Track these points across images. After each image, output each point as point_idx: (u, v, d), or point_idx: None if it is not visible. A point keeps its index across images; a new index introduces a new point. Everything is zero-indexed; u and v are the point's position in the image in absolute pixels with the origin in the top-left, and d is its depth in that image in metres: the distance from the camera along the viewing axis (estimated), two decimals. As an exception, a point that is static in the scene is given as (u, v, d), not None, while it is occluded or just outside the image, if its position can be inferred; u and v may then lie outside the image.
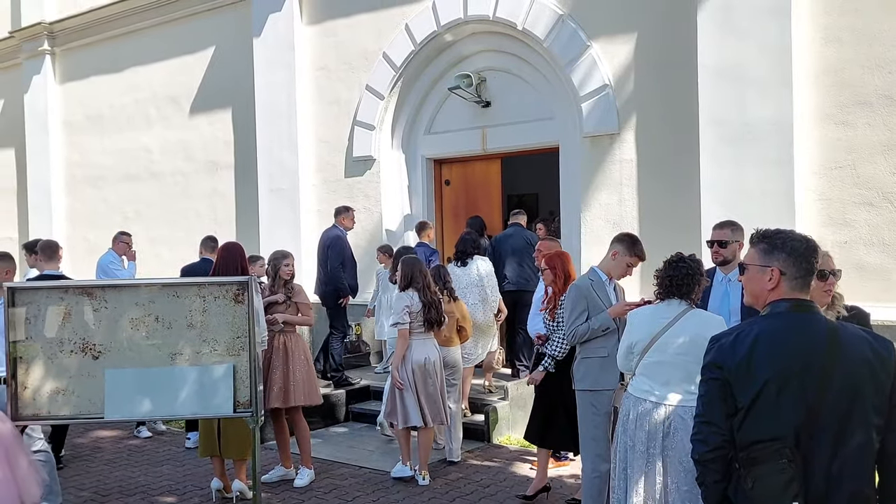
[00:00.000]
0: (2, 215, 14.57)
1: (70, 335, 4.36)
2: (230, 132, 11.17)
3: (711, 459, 2.60)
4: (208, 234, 8.73)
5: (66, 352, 4.36)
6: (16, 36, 13.61)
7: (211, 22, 11.22)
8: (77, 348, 4.36)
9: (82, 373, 4.36)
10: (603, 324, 4.69)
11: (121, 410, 4.33)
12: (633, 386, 4.10)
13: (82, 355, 4.37)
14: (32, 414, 4.34)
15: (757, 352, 2.54)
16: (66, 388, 4.35)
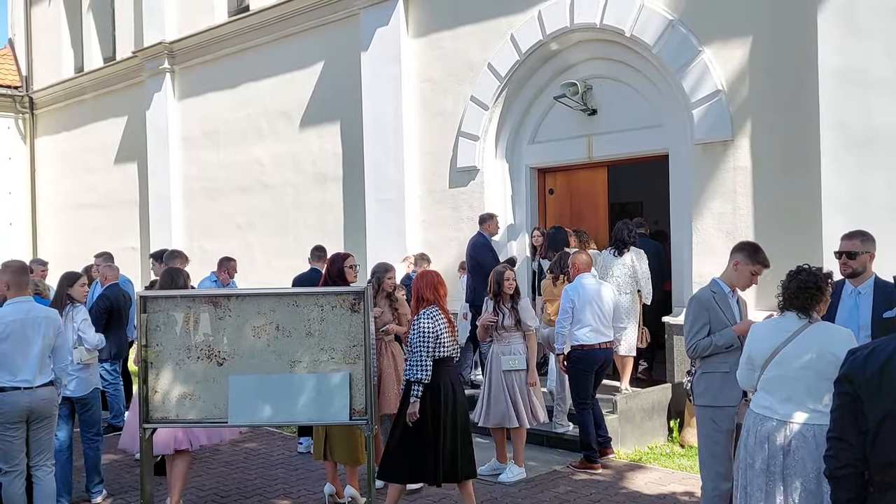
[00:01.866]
0: (126, 226, 15.40)
1: (197, 342, 4.57)
2: (338, 144, 11.46)
3: (842, 476, 2.52)
4: (316, 244, 8.98)
5: (193, 358, 4.56)
6: (139, 56, 14.40)
7: (320, 37, 11.56)
8: (203, 355, 4.56)
9: (208, 378, 4.55)
10: (727, 341, 4.55)
11: (243, 415, 4.50)
12: (754, 402, 3.98)
13: (208, 362, 4.56)
14: (162, 417, 4.56)
15: (890, 368, 2.41)
16: (192, 393, 4.56)
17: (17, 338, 4.83)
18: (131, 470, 6.96)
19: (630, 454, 7.02)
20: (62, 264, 13.20)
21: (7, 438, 4.89)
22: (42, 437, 5.04)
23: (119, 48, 15.52)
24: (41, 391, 4.93)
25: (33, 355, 4.87)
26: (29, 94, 17.73)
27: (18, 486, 4.94)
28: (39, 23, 17.72)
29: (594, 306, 6.66)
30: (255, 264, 12.40)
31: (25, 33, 17.97)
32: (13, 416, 4.84)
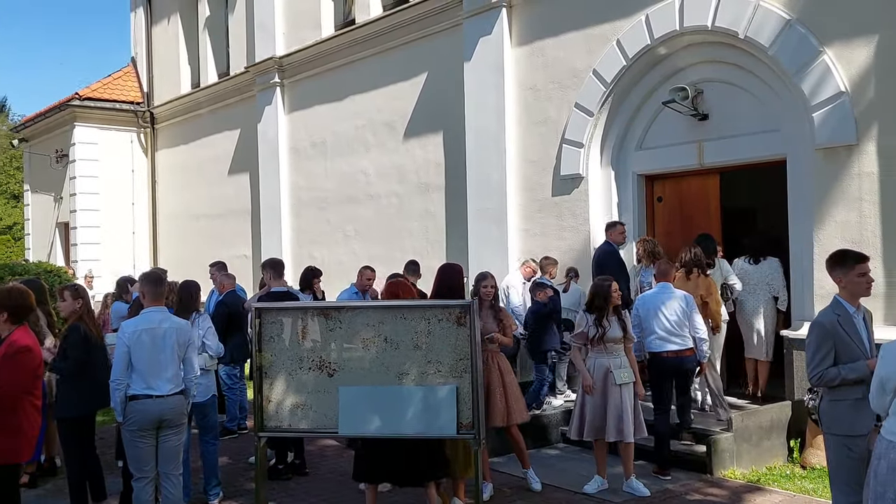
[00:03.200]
0: (239, 235, 16.00)
1: (308, 353, 4.66)
2: (441, 154, 11.54)
3: None
4: (411, 258, 9.11)
5: (305, 369, 4.66)
6: (250, 71, 14.96)
7: (424, 49, 11.68)
8: (314, 366, 4.66)
9: (319, 389, 4.64)
10: (859, 375, 4.26)
11: (353, 426, 4.56)
12: (886, 427, 3.72)
13: (319, 372, 4.65)
14: (275, 426, 4.68)
15: None
16: (304, 403, 4.65)
17: (150, 347, 5.05)
18: (245, 473, 7.18)
19: (747, 474, 6.72)
20: (179, 272, 13.85)
21: (139, 445, 5.12)
22: (171, 445, 5.24)
23: (233, 64, 16.17)
24: (171, 400, 5.14)
25: (165, 364, 5.08)
26: (150, 110, 18.71)
27: (149, 492, 5.16)
28: (159, 42, 18.69)
29: (660, 316, 6.74)
30: (360, 272, 12.63)
31: (146, 52, 18.98)
32: (144, 423, 5.06)
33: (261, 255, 14.66)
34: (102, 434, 8.72)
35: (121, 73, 19.57)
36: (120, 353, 5.10)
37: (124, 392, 5.07)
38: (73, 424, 5.80)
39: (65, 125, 18.80)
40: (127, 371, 5.06)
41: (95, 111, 18.34)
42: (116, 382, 5.09)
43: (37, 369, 5.03)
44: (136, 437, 5.12)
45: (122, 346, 5.09)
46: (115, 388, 5.10)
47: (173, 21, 18.12)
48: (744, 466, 6.82)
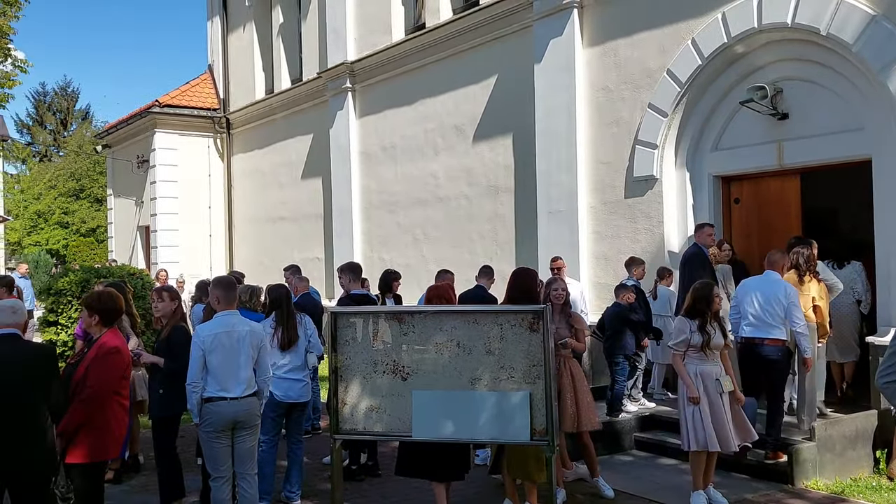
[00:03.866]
0: (312, 237, 16.30)
1: (382, 357, 4.71)
2: (510, 157, 11.51)
3: None
4: (485, 264, 9.10)
5: (379, 372, 4.71)
6: (323, 76, 15.22)
7: (494, 52, 11.68)
8: (388, 369, 4.70)
9: (393, 392, 4.69)
10: None
11: (427, 430, 4.58)
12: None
13: (392, 376, 4.69)
14: (350, 429, 4.75)
15: None
16: (379, 407, 4.70)
17: (224, 350, 5.20)
18: (319, 473, 7.30)
19: (830, 485, 6.49)
20: (254, 274, 14.19)
21: (215, 446, 5.27)
22: (245, 446, 5.38)
23: (305, 70, 16.49)
24: (245, 402, 5.26)
25: (239, 367, 5.22)
26: (226, 116, 19.23)
27: (226, 491, 5.30)
28: (235, 49, 19.19)
29: (754, 301, 6.73)
30: (430, 275, 12.64)
31: (223, 59, 19.51)
32: (220, 425, 5.20)
33: (333, 258, 14.94)
34: (183, 432, 9.01)
35: (198, 80, 20.17)
36: (196, 356, 5.23)
37: (200, 394, 5.21)
38: (169, 423, 5.98)
39: (145, 131, 19.48)
40: (202, 374, 5.20)
41: (174, 118, 18.95)
42: (192, 385, 5.23)
43: (125, 370, 5.22)
44: (211, 437, 5.26)
45: (197, 349, 5.23)
46: (191, 390, 5.24)
47: (248, 29, 18.57)
48: (827, 477, 6.59)
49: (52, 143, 50.68)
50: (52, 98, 51.01)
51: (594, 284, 10.15)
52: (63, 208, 42.01)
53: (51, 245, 40.66)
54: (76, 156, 44.22)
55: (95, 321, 5.12)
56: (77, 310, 8.22)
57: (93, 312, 5.13)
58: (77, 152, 44.32)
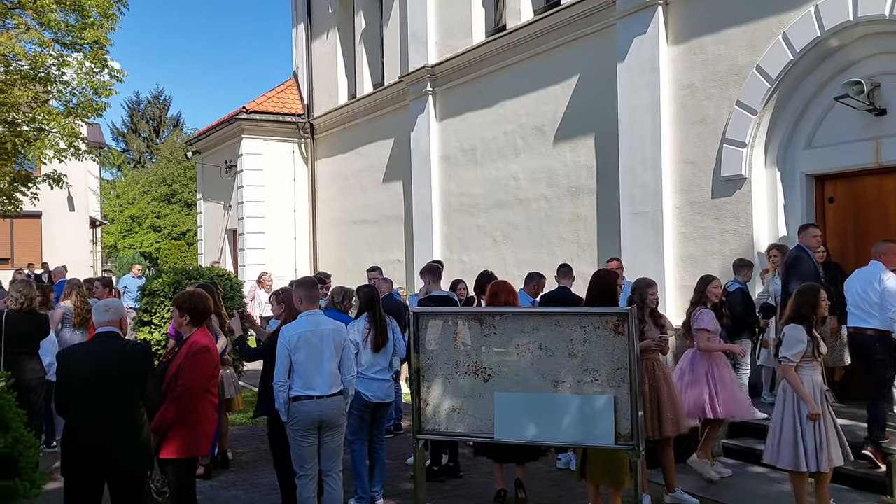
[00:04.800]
0: (393, 240, 16.49)
1: (464, 358, 4.72)
2: (592, 157, 11.37)
3: None
4: (563, 262, 8.97)
5: (461, 373, 4.71)
6: (404, 80, 15.38)
7: (575, 52, 11.56)
8: (470, 370, 4.70)
9: (475, 393, 4.68)
10: None
11: (509, 432, 4.56)
12: None
13: (474, 377, 4.69)
14: (433, 429, 4.76)
15: None
16: (461, 407, 4.71)
17: (308, 349, 5.30)
18: (401, 473, 7.36)
19: (933, 500, 6.16)
20: (337, 276, 14.43)
21: (302, 444, 5.38)
22: (331, 445, 5.47)
23: (387, 74, 16.70)
24: (330, 401, 5.36)
25: (324, 366, 5.31)
26: (310, 121, 19.64)
27: (311, 489, 5.40)
28: (318, 56, 19.59)
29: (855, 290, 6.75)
30: (509, 277, 12.55)
31: (307, 66, 19.95)
32: (307, 423, 5.30)
33: (413, 260, 15.07)
34: (254, 430, 9.25)
35: (283, 86, 20.67)
36: (282, 356, 5.35)
37: (287, 394, 5.33)
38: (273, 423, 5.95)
39: (233, 137, 20.09)
40: (288, 373, 5.31)
41: (261, 124, 19.48)
42: (279, 385, 5.34)
43: (215, 368, 5.39)
44: (299, 436, 5.36)
45: (283, 349, 5.35)
46: (278, 389, 5.36)
47: (331, 35, 18.93)
48: (931, 490, 6.25)
49: (146, 150, 52.92)
50: (145, 106, 53.27)
51: (679, 287, 9.91)
52: (155, 212, 43.78)
53: (144, 248, 42.45)
54: (168, 162, 46.03)
55: (186, 321, 5.30)
56: (169, 310, 8.52)
57: (183, 312, 5.31)
58: (168, 158, 46.13)
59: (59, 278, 14.36)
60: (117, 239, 44.14)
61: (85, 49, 13.86)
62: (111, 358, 4.66)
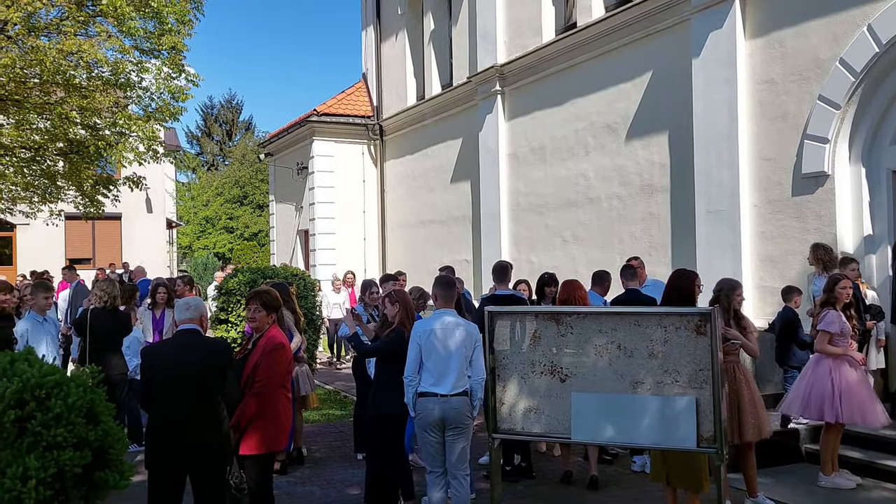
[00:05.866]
0: (460, 240, 16.50)
1: (540, 357, 4.67)
2: (666, 155, 11.15)
3: None
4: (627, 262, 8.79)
5: (537, 373, 4.67)
6: (472, 80, 15.37)
7: (648, 48, 11.36)
8: (546, 370, 4.65)
9: (551, 394, 4.63)
10: None
11: (586, 433, 4.50)
12: None
13: (550, 377, 4.64)
14: (509, 429, 4.73)
15: None
16: (537, 407, 4.66)
17: (440, 347, 5.30)
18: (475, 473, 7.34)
19: None
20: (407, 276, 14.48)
21: (427, 441, 5.41)
22: (455, 445, 5.39)
23: (455, 75, 16.73)
24: (454, 400, 5.32)
25: (452, 365, 5.30)
26: (379, 123, 19.83)
27: (440, 485, 5.40)
28: (387, 57, 19.76)
29: None
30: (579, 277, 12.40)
31: (376, 67, 20.14)
32: (429, 420, 5.28)
33: (481, 260, 15.05)
34: (340, 427, 9.37)
35: (353, 88, 20.92)
36: (413, 351, 5.42)
37: (415, 389, 5.38)
38: (389, 422, 5.90)
39: (304, 139, 20.42)
40: (418, 369, 5.37)
41: (331, 126, 19.75)
42: (409, 379, 5.42)
43: (289, 365, 5.48)
44: (424, 432, 5.40)
45: (414, 344, 5.41)
46: (407, 384, 5.44)
47: (400, 37, 19.07)
48: None
49: (219, 153, 54.34)
50: (218, 110, 54.70)
51: (758, 288, 9.64)
52: (228, 214, 44.88)
53: (217, 248, 43.57)
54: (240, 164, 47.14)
55: (262, 315, 5.39)
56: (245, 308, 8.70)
57: (258, 307, 5.41)
58: (241, 161, 47.23)
59: (139, 278, 14.83)
60: (192, 240, 45.43)
61: (163, 55, 14.25)
62: (192, 354, 4.78)
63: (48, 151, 14.26)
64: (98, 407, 4.09)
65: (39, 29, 12.20)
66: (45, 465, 3.71)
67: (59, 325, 8.13)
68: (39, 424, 3.76)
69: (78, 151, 14.14)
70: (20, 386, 3.79)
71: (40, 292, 7.52)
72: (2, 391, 3.73)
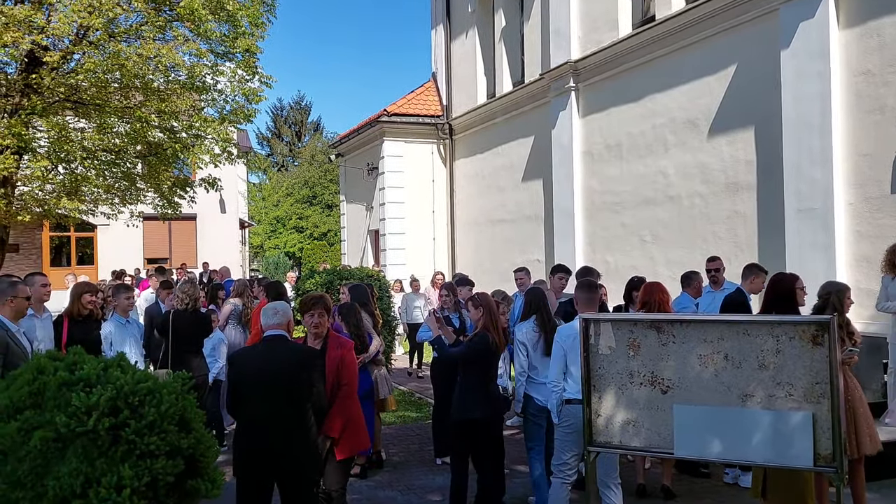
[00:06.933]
0: (531, 240, 16.24)
1: (639, 367, 4.42)
2: (752, 151, 10.69)
3: None
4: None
5: (636, 384, 4.42)
6: (545, 77, 15.10)
7: (732, 40, 10.92)
8: (646, 381, 4.40)
9: (651, 406, 4.38)
10: None
11: (690, 448, 4.24)
12: None
13: (651, 388, 4.39)
14: (605, 441, 4.51)
15: None
16: (636, 420, 4.42)
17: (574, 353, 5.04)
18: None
19: None
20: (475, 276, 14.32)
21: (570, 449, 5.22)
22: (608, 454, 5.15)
23: (527, 72, 16.47)
24: None
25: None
26: (448, 122, 19.71)
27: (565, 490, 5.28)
28: (457, 56, 19.62)
29: None
30: (659, 277, 12.08)
31: (445, 66, 20.03)
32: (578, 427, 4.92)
33: (553, 260, 14.75)
34: (417, 430, 9.26)
35: (422, 88, 20.86)
36: (557, 354, 5.27)
37: (560, 394, 5.21)
38: (474, 427, 5.75)
39: (374, 140, 20.45)
40: (563, 374, 5.20)
41: (401, 126, 19.73)
42: (554, 385, 5.26)
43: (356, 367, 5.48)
44: (569, 439, 5.22)
45: (558, 348, 5.26)
46: (551, 389, 5.28)
47: (471, 35, 18.90)
48: None
49: (288, 154, 55.18)
50: (287, 112, 55.54)
51: (854, 290, 9.10)
52: (298, 214, 45.52)
53: (288, 248, 44.24)
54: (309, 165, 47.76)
55: (325, 320, 5.34)
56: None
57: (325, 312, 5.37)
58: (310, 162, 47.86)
59: (222, 278, 15.03)
60: (263, 239, 46.26)
61: (237, 58, 14.41)
62: (279, 360, 4.68)
63: (128, 154, 14.57)
64: (189, 414, 4.03)
65: (120, 34, 12.44)
66: (139, 473, 3.66)
67: (142, 327, 8.20)
68: (133, 432, 3.71)
69: (156, 154, 14.42)
70: (114, 393, 3.75)
71: (122, 293, 7.60)
72: (96, 399, 3.69)
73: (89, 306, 7.17)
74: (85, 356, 4.15)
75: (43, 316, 6.39)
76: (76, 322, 6.97)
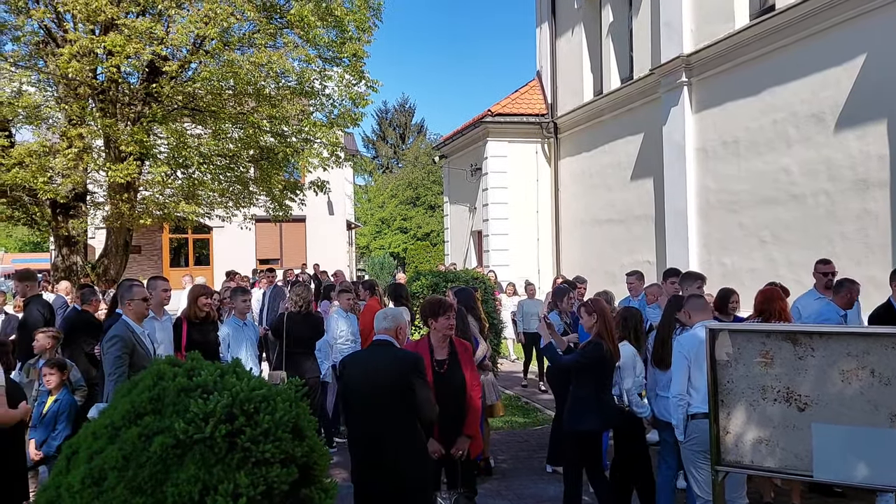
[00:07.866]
0: (641, 241, 15.74)
1: (773, 382, 4.10)
2: (885, 145, 9.96)
3: None
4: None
5: (769, 400, 4.11)
6: (655, 73, 14.59)
7: (861, 29, 10.20)
8: (780, 397, 4.08)
9: (786, 424, 4.05)
10: None
11: (832, 471, 3.90)
12: None
13: (786, 405, 4.07)
14: (735, 461, 4.21)
15: None
16: (769, 439, 4.10)
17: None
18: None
19: None
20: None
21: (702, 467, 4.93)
22: None
23: (636, 68, 15.98)
24: None
25: None
26: (553, 120, 19.39)
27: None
28: (563, 53, 19.27)
29: None
30: (782, 281, 11.45)
31: (550, 64, 19.71)
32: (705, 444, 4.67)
33: (665, 262, 14.24)
34: (525, 436, 9.08)
35: (526, 87, 20.62)
36: (680, 366, 5.05)
37: (686, 409, 5.01)
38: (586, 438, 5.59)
39: (478, 140, 20.36)
40: (688, 386, 5.00)
41: (505, 126, 19.56)
42: (679, 398, 5.04)
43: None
44: (698, 458, 4.96)
45: (681, 358, 5.04)
46: (677, 404, 5.06)
47: (577, 32, 18.53)
48: None
49: (393, 156, 55.99)
50: (392, 115, 56.37)
51: None
52: (402, 215, 46.10)
53: (392, 248, 44.86)
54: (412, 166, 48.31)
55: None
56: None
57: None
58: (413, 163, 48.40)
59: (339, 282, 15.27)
60: (369, 240, 47.10)
61: (344, 62, 14.61)
62: (382, 367, 4.53)
63: (241, 159, 15.04)
64: (303, 422, 4.00)
65: (233, 43, 12.82)
66: (255, 482, 3.64)
67: (258, 329, 8.36)
68: (248, 440, 3.68)
69: (268, 158, 14.81)
70: (230, 400, 3.75)
71: (238, 296, 7.76)
72: (213, 405, 3.70)
73: (205, 308, 7.36)
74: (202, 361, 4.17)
75: (163, 319, 6.58)
76: (194, 324, 7.17)
